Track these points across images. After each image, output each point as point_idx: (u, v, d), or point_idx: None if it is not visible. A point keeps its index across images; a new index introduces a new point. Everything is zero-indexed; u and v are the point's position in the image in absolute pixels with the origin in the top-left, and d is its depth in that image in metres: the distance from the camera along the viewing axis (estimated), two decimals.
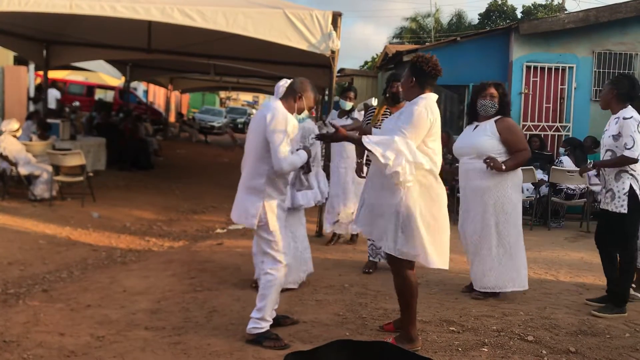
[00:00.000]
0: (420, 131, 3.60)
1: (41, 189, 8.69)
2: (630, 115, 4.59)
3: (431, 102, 3.72)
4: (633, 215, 4.59)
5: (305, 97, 3.95)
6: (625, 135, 4.54)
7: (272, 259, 3.83)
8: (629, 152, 4.51)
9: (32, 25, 10.02)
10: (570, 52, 11.52)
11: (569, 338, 4.05)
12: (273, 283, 3.81)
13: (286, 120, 3.75)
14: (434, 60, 3.77)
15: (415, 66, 3.78)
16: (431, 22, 34.59)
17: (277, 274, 3.82)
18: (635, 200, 4.55)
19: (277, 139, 3.70)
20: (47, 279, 5.41)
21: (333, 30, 6.87)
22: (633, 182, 4.57)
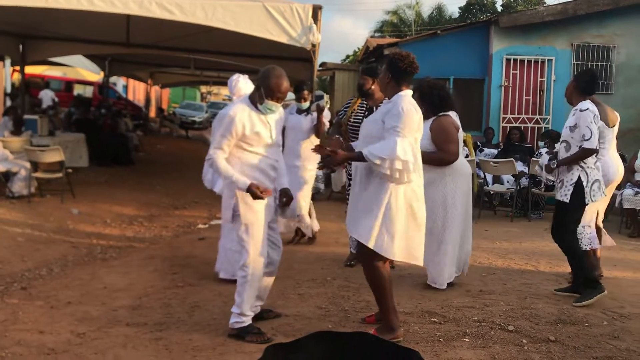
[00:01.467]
0: (412, 128, 3.63)
1: (19, 186, 8.56)
2: (587, 107, 4.73)
3: (410, 99, 3.75)
4: (574, 206, 4.76)
5: (263, 87, 3.74)
6: (582, 126, 4.68)
7: (245, 253, 3.79)
8: (587, 143, 4.66)
9: (7, 20, 9.84)
10: (549, 45, 11.65)
11: (548, 327, 4.11)
12: (247, 279, 3.79)
13: (231, 121, 3.69)
14: (411, 57, 3.79)
15: (392, 63, 3.80)
16: (412, 15, 34.68)
17: (250, 270, 3.78)
18: (580, 191, 4.72)
19: (214, 134, 3.76)
20: (26, 277, 5.34)
21: (313, 24, 6.84)
22: (582, 174, 4.73)
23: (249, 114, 3.76)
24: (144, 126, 21.07)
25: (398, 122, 3.59)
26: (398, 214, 3.65)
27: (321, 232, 7.26)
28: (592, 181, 4.75)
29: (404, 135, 3.58)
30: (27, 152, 8.75)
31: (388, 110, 3.71)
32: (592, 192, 4.75)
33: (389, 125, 3.63)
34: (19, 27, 10.61)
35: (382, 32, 34.22)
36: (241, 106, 3.80)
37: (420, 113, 3.76)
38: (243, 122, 3.71)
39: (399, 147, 3.52)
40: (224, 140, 3.72)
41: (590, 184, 4.74)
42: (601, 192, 4.85)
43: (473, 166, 9.04)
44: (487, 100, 11.76)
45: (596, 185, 4.78)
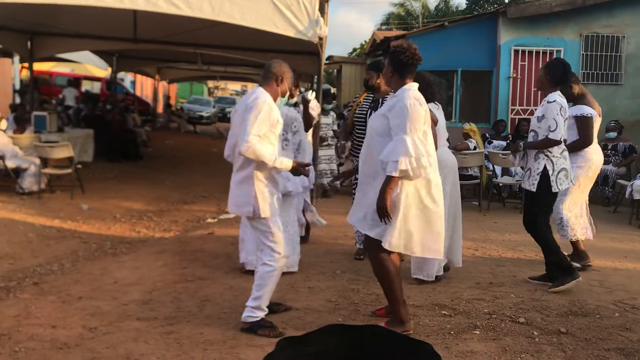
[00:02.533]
0: (419, 123, 3.59)
1: (29, 182, 8.62)
2: (554, 99, 4.79)
3: (415, 92, 3.70)
4: (542, 195, 4.83)
5: (286, 79, 3.92)
6: (549, 118, 4.76)
7: (270, 250, 3.80)
8: (552, 134, 4.74)
9: (15, 17, 9.88)
10: (557, 36, 11.56)
11: (559, 319, 4.10)
12: (272, 274, 3.80)
13: (270, 109, 3.71)
14: (412, 49, 3.74)
15: (393, 57, 3.78)
16: (418, 7, 34.52)
17: (275, 265, 3.80)
18: (546, 180, 4.79)
19: (250, 121, 3.65)
20: (37, 272, 5.37)
21: (320, 17, 6.83)
22: (548, 163, 4.81)
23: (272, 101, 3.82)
24: (151, 121, 21.14)
25: (404, 120, 3.56)
26: (410, 209, 3.62)
27: (330, 226, 7.25)
28: (557, 170, 4.82)
29: (410, 132, 3.55)
30: (36, 148, 8.80)
31: (392, 106, 3.68)
32: (559, 180, 4.82)
33: (394, 124, 3.61)
34: (27, 23, 10.65)
35: (388, 25, 34.09)
36: (266, 93, 3.82)
37: (426, 106, 3.71)
38: (275, 109, 3.77)
39: (409, 145, 3.50)
40: (262, 127, 3.67)
41: (557, 172, 4.81)
42: (569, 180, 4.92)
43: (482, 158, 9.03)
44: (496, 92, 11.70)
45: (562, 173, 4.84)
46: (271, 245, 3.80)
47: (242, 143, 3.64)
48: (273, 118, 3.73)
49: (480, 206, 8.97)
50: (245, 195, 3.80)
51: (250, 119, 3.66)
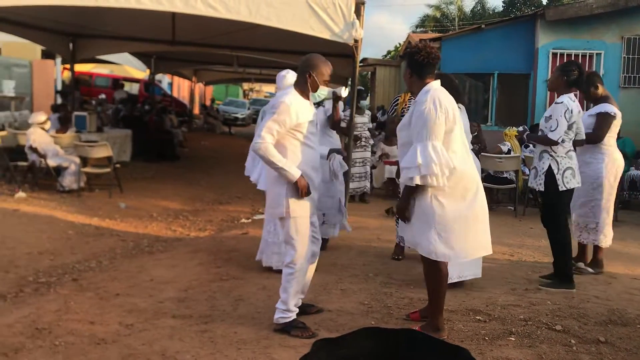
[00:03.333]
0: (437, 128, 3.49)
1: (69, 180, 8.84)
2: (562, 100, 4.89)
3: (435, 92, 3.58)
4: (551, 193, 4.93)
5: (316, 73, 3.83)
6: (553, 118, 4.87)
7: (293, 251, 3.81)
8: (551, 134, 4.85)
9: (58, 19, 10.15)
10: (598, 39, 11.32)
11: (598, 328, 4.00)
12: (293, 276, 3.82)
13: (287, 109, 3.68)
14: (427, 48, 3.66)
15: (409, 58, 3.72)
16: (454, 10, 34.20)
17: (296, 267, 3.81)
18: (552, 179, 4.88)
19: (266, 119, 3.70)
20: (76, 269, 5.50)
21: (356, 19, 6.83)
22: (552, 162, 4.90)
23: (300, 101, 3.79)
24: (188, 123, 21.42)
25: (421, 127, 3.51)
26: (446, 216, 3.56)
27: (363, 228, 7.26)
28: (563, 169, 4.89)
29: (426, 139, 3.48)
30: (76, 147, 9.02)
31: (412, 113, 3.63)
32: (565, 179, 4.88)
33: (413, 132, 3.57)
34: (69, 26, 10.94)
35: (424, 27, 33.86)
36: (293, 93, 3.81)
37: (450, 104, 3.59)
38: (297, 110, 3.72)
39: (419, 153, 3.46)
40: (275, 126, 3.67)
41: (562, 171, 4.88)
42: (576, 180, 4.95)
43: (518, 162, 8.89)
44: (533, 95, 11.51)
45: (569, 172, 4.90)
46: (294, 245, 3.80)
47: (255, 139, 3.68)
48: (292, 118, 3.69)
49: (516, 211, 8.83)
50: (277, 196, 3.81)
51: (268, 118, 3.70)
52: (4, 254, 5.78)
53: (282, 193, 3.78)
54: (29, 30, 10.71)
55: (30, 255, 5.85)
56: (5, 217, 7.03)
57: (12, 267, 5.46)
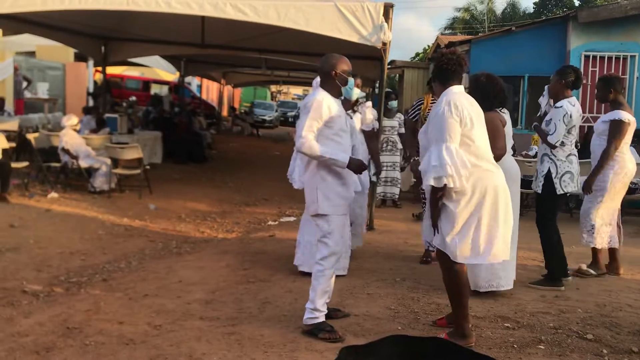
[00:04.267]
0: (452, 130, 3.48)
1: (100, 181, 8.99)
2: (561, 105, 5.01)
3: (453, 95, 3.58)
4: (546, 197, 5.04)
5: (338, 70, 3.90)
6: (552, 122, 5.00)
7: (324, 248, 3.84)
8: (550, 137, 5.00)
9: (91, 23, 10.35)
10: (632, 40, 11.09)
11: (631, 337, 3.91)
12: (323, 273, 3.84)
13: (320, 105, 3.78)
14: (450, 56, 3.68)
15: (435, 65, 3.80)
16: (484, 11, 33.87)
17: (326, 264, 3.83)
18: (549, 182, 4.98)
19: (303, 119, 3.80)
20: (106, 269, 5.59)
21: (384, 22, 6.81)
22: (552, 166, 5.00)
23: (330, 99, 3.87)
24: (216, 125, 21.60)
25: (436, 130, 3.53)
26: (469, 217, 3.54)
27: (390, 232, 7.23)
28: (561, 173, 4.98)
29: (443, 141, 3.47)
30: (107, 149, 9.17)
31: (430, 117, 3.68)
32: (563, 183, 4.97)
33: (430, 134, 3.60)
34: (101, 29, 11.14)
35: (452, 29, 33.60)
36: (323, 92, 3.89)
37: (468, 108, 3.56)
38: (329, 105, 3.81)
39: (434, 156, 3.48)
40: (314, 123, 3.78)
41: (560, 175, 4.97)
42: (574, 184, 5.03)
43: None
44: None
45: (567, 176, 4.99)
46: (327, 241, 3.83)
47: (297, 139, 3.79)
48: (324, 114, 3.79)
49: None
50: (310, 194, 3.91)
51: (304, 117, 3.80)
52: (37, 254, 5.90)
53: (314, 190, 3.86)
54: (62, 34, 10.94)
55: (62, 255, 5.96)
56: (39, 217, 7.19)
57: (44, 266, 5.58)
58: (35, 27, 10.21)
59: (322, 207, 3.83)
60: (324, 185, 3.84)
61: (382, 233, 7.20)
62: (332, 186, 3.86)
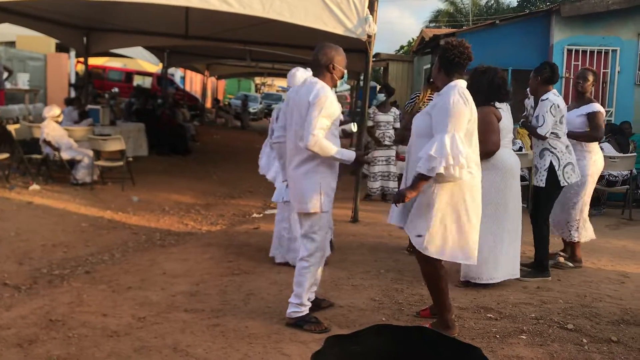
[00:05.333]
0: (462, 120, 3.46)
1: (83, 174, 8.90)
2: (546, 97, 5.11)
3: (463, 90, 3.57)
4: (549, 190, 5.11)
5: (337, 64, 3.82)
6: (539, 114, 5.09)
7: (311, 243, 3.82)
8: (539, 129, 5.07)
9: (72, 13, 10.22)
10: (614, 35, 11.19)
11: (610, 327, 3.98)
12: (308, 269, 3.83)
13: (332, 103, 3.69)
14: (460, 48, 3.61)
15: (441, 54, 3.69)
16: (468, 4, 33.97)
17: (312, 261, 3.82)
18: (553, 175, 5.06)
19: (314, 116, 3.64)
20: (89, 261, 5.55)
21: (370, 15, 6.81)
22: (553, 159, 5.07)
23: (332, 93, 3.80)
24: (200, 117, 21.49)
25: (445, 118, 3.46)
26: (448, 214, 3.55)
27: (375, 224, 7.26)
28: (564, 164, 5.07)
29: (451, 131, 3.44)
30: (90, 140, 9.08)
31: (436, 104, 3.60)
32: (566, 174, 5.07)
33: (435, 120, 3.51)
34: (83, 19, 11.00)
35: (437, 22, 33.66)
36: (327, 86, 3.77)
37: (472, 104, 3.58)
38: (333, 101, 3.73)
39: (447, 143, 3.39)
40: (325, 122, 3.67)
41: (563, 167, 5.06)
42: (576, 174, 5.14)
43: (531, 160, 8.82)
44: None
45: (569, 167, 5.09)
46: (314, 237, 3.81)
47: (309, 137, 3.62)
48: (334, 111, 3.72)
49: (529, 208, 8.77)
50: (308, 191, 3.77)
51: (314, 114, 3.64)
52: (19, 246, 5.84)
53: (317, 189, 3.76)
54: (44, 24, 10.78)
55: (44, 248, 5.91)
56: (20, 210, 7.10)
57: (26, 259, 5.52)
58: (15, 17, 10.04)
59: (324, 205, 3.78)
60: (325, 183, 3.78)
61: (367, 225, 7.23)
62: (330, 182, 3.82)
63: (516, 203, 4.84)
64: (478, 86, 4.55)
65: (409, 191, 3.53)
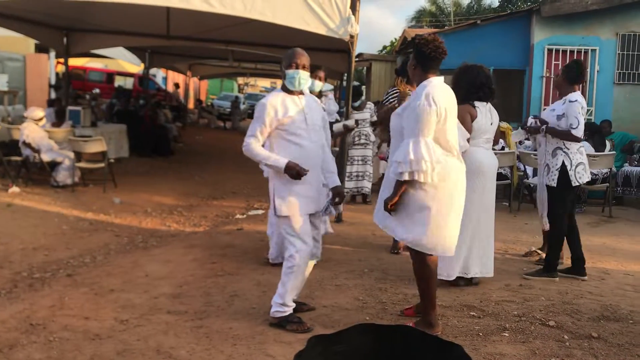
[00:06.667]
0: (428, 124, 3.51)
1: (63, 176, 8.81)
2: (575, 99, 5.06)
3: (434, 88, 3.58)
4: (561, 190, 5.09)
5: (283, 65, 3.83)
6: (570, 116, 5.01)
7: (291, 246, 3.82)
8: (574, 131, 5.01)
9: (51, 13, 10.09)
10: (593, 35, 11.34)
11: (591, 323, 4.03)
12: (292, 270, 3.82)
13: (263, 108, 3.76)
14: (436, 42, 3.64)
15: (416, 48, 3.70)
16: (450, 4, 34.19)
17: (295, 262, 3.82)
18: (565, 175, 5.05)
19: (252, 122, 3.82)
20: (71, 264, 5.49)
21: (352, 15, 6.82)
22: (565, 159, 5.07)
23: (282, 99, 3.82)
24: (182, 117, 21.38)
25: (412, 122, 3.53)
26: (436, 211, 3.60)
27: (359, 224, 7.27)
28: (575, 164, 5.06)
29: (417, 135, 3.50)
30: (70, 142, 8.99)
31: (406, 106, 3.65)
32: (577, 174, 5.07)
33: (405, 124, 3.59)
34: (63, 19, 10.87)
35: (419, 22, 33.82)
36: (274, 93, 3.88)
37: (446, 102, 3.59)
38: (275, 107, 3.76)
39: (411, 149, 3.48)
40: (257, 127, 3.77)
41: (575, 167, 5.06)
42: (587, 174, 5.15)
43: (513, 158, 8.91)
44: (528, 91, 11.54)
45: (581, 167, 5.09)
46: (291, 240, 3.81)
47: (243, 144, 3.79)
48: (271, 115, 3.74)
49: (511, 207, 8.87)
50: (269, 193, 3.91)
51: (252, 121, 3.83)
52: None
53: (271, 190, 3.87)
54: (22, 24, 10.63)
55: (24, 251, 5.83)
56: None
57: (6, 262, 5.45)
58: None
59: (279, 209, 3.80)
60: (280, 186, 3.80)
61: (351, 225, 7.24)
62: (289, 186, 3.78)
63: (487, 203, 4.82)
64: (458, 85, 4.60)
65: (390, 198, 3.62)
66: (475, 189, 4.67)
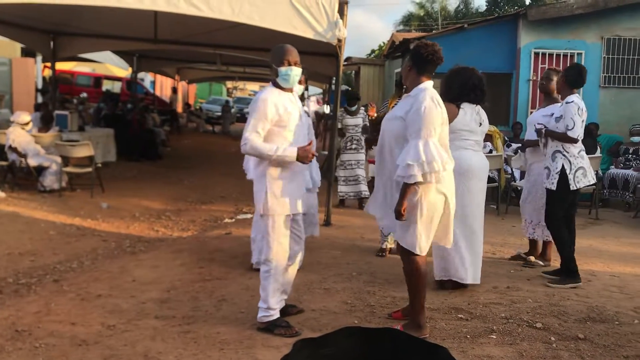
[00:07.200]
0: (435, 125, 3.57)
1: (50, 180, 8.74)
2: (572, 100, 5.07)
3: (433, 92, 3.66)
4: (560, 193, 5.06)
5: (273, 61, 3.81)
6: (567, 117, 5.02)
7: (268, 249, 3.81)
8: (570, 132, 5.01)
9: (38, 17, 10.03)
10: (579, 38, 11.43)
11: (577, 325, 4.06)
12: (269, 273, 3.82)
13: (264, 103, 3.70)
14: (435, 47, 3.70)
15: (414, 51, 3.75)
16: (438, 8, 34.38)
17: (273, 263, 3.80)
18: (564, 179, 5.03)
19: (248, 120, 3.75)
20: (57, 269, 5.45)
21: (340, 19, 6.84)
22: (565, 162, 5.06)
23: (278, 94, 3.80)
24: (171, 121, 21.30)
25: (419, 123, 3.55)
26: (434, 213, 3.67)
27: (347, 227, 7.28)
28: (575, 169, 5.05)
29: (425, 137, 3.54)
30: (57, 147, 8.92)
31: (409, 109, 3.65)
32: (576, 178, 5.04)
33: (410, 126, 3.60)
34: (50, 24, 10.81)
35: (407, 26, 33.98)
36: (270, 89, 3.83)
37: (443, 106, 3.68)
38: (275, 103, 3.73)
39: (421, 149, 3.51)
40: (259, 124, 3.70)
41: (574, 171, 5.04)
42: (587, 179, 5.12)
43: (500, 161, 8.96)
44: (515, 94, 11.60)
45: (580, 172, 5.07)
46: (270, 242, 3.80)
47: (242, 141, 3.72)
48: (270, 112, 3.71)
49: (498, 209, 8.92)
50: (257, 192, 3.85)
51: (249, 118, 3.75)
52: None
53: (263, 189, 3.80)
54: (8, 28, 10.56)
55: (10, 256, 5.78)
56: None
57: None
58: None
59: (271, 207, 3.78)
60: (273, 184, 3.78)
61: (339, 228, 7.24)
62: (281, 185, 3.79)
63: (473, 206, 4.78)
64: (450, 86, 4.64)
65: (400, 204, 3.59)
66: (469, 192, 4.70)
